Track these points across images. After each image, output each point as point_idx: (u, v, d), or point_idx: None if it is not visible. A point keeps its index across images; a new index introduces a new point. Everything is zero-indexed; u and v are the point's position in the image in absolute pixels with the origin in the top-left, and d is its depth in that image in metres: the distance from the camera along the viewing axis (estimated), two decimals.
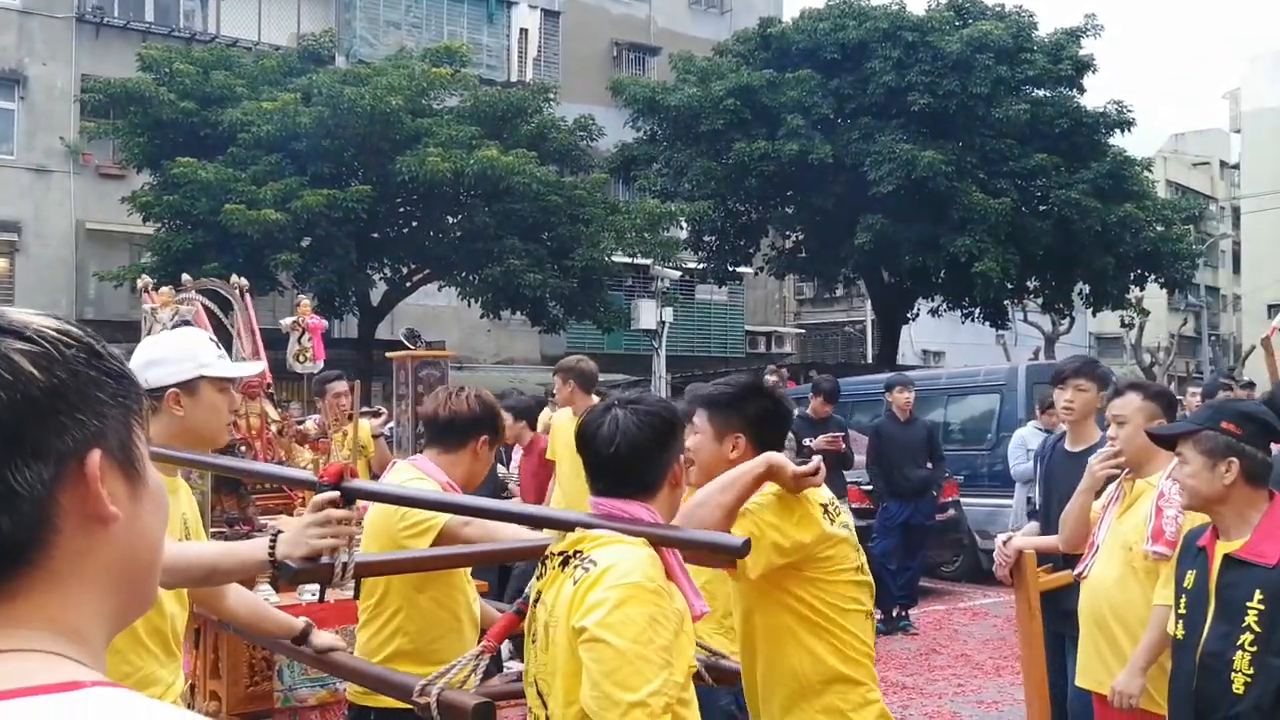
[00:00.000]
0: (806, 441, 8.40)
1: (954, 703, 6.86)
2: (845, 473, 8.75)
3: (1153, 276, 21.09)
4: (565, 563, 2.20)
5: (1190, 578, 3.05)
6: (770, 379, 9.38)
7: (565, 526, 2.31)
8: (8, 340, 0.84)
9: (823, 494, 2.63)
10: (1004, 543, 4.23)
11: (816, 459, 2.59)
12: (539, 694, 2.23)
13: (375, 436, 7.22)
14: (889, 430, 8.98)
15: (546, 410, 8.13)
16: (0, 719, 0.76)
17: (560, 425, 6.99)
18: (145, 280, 6.14)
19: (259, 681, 4.22)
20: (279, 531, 2.45)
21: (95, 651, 0.88)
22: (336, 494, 2.38)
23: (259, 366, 3.58)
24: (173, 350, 2.77)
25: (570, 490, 6.66)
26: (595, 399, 6.97)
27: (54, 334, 0.87)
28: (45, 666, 0.82)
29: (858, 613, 2.64)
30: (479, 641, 2.89)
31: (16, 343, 0.85)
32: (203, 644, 4.37)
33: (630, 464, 2.24)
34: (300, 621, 3.09)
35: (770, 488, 2.54)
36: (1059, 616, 4.25)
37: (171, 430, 2.67)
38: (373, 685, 2.99)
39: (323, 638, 3.10)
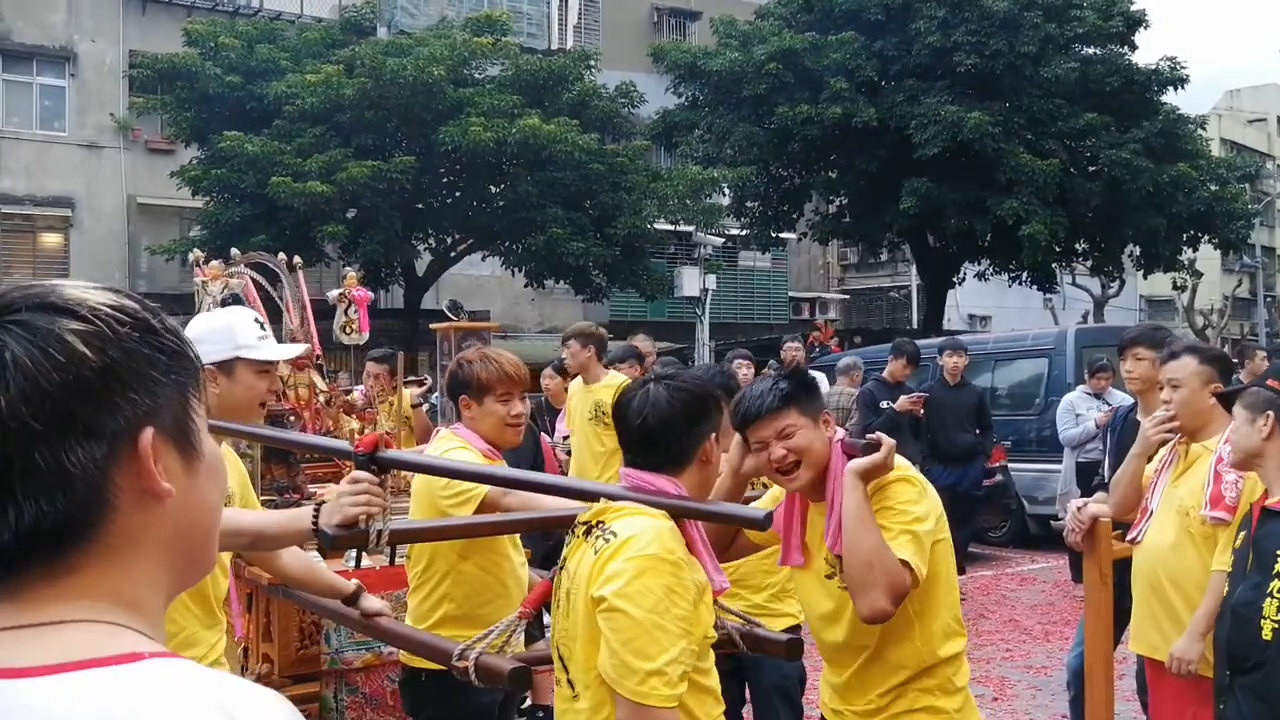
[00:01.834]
0: (885, 404, 8.34)
1: (1002, 668, 6.84)
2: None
3: (1206, 237, 20.71)
4: (588, 532, 2.25)
5: (1240, 538, 3.07)
6: (791, 344, 9.37)
7: (591, 498, 2.36)
8: (61, 320, 0.85)
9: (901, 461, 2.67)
10: (1079, 508, 4.15)
11: (887, 442, 2.57)
12: (561, 658, 2.29)
13: (415, 406, 7.24)
14: (937, 394, 8.93)
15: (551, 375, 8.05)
16: (68, 689, 0.78)
17: (573, 395, 6.93)
18: (197, 254, 6.23)
19: (308, 645, 4.32)
20: (323, 501, 2.51)
21: (154, 620, 0.90)
22: (371, 463, 2.45)
23: (299, 349, 3.64)
24: (212, 330, 2.85)
25: (581, 460, 6.65)
26: (613, 368, 6.92)
27: (108, 311, 0.87)
28: (108, 637, 0.84)
29: (951, 578, 2.69)
30: None
31: (70, 322, 0.85)
32: (255, 608, 4.47)
33: (657, 437, 2.28)
34: (351, 584, 3.18)
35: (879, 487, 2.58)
36: (1125, 592, 4.17)
37: (209, 406, 2.72)
38: (415, 650, 3.06)
39: (371, 602, 3.17)
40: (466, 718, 3.27)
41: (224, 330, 2.83)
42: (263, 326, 2.90)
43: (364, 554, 2.61)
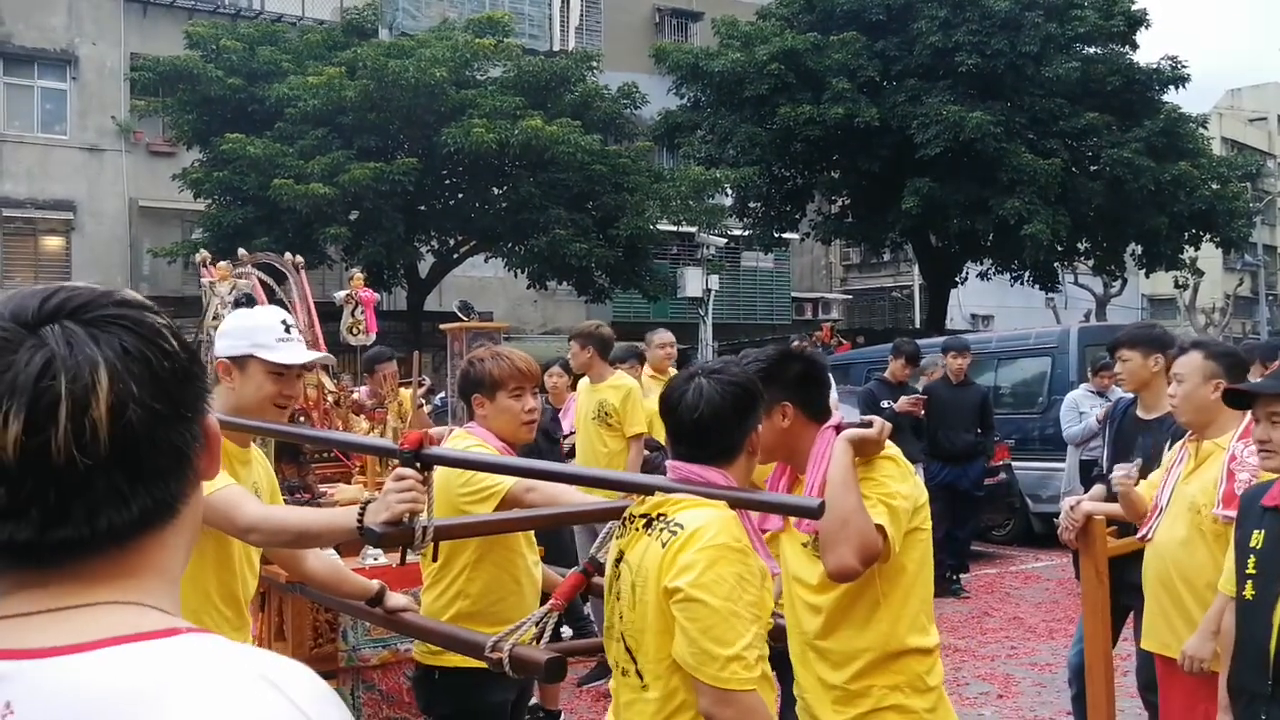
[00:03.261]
0: (885, 404, 8.39)
1: (1006, 665, 6.86)
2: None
3: (1208, 236, 20.71)
4: (648, 525, 2.29)
5: (1259, 537, 2.97)
6: (795, 345, 9.39)
7: (646, 491, 2.40)
8: (151, 316, 0.90)
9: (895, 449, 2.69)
10: (1071, 507, 4.17)
11: (880, 421, 2.61)
12: (627, 650, 2.32)
13: (417, 407, 7.24)
14: (939, 392, 8.95)
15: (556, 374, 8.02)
16: (109, 663, 0.81)
17: (579, 394, 6.90)
18: (204, 254, 6.24)
19: (323, 643, 4.34)
20: (370, 500, 2.54)
21: (177, 597, 0.94)
22: (416, 460, 2.47)
23: (314, 356, 3.67)
24: (238, 325, 2.91)
25: (585, 460, 6.64)
26: (613, 367, 6.92)
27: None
28: (141, 616, 0.87)
29: (925, 573, 2.67)
30: (541, 603, 2.97)
31: (155, 317, 0.91)
32: (268, 607, 4.48)
33: (712, 430, 2.32)
34: (375, 584, 3.21)
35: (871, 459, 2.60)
36: (1122, 588, 4.19)
37: (228, 402, 2.81)
38: (443, 643, 3.08)
39: (396, 599, 3.21)
40: (478, 715, 3.29)
41: (247, 327, 2.88)
42: (288, 330, 2.91)
43: (410, 551, 2.63)
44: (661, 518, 2.27)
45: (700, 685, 2.14)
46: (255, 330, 2.85)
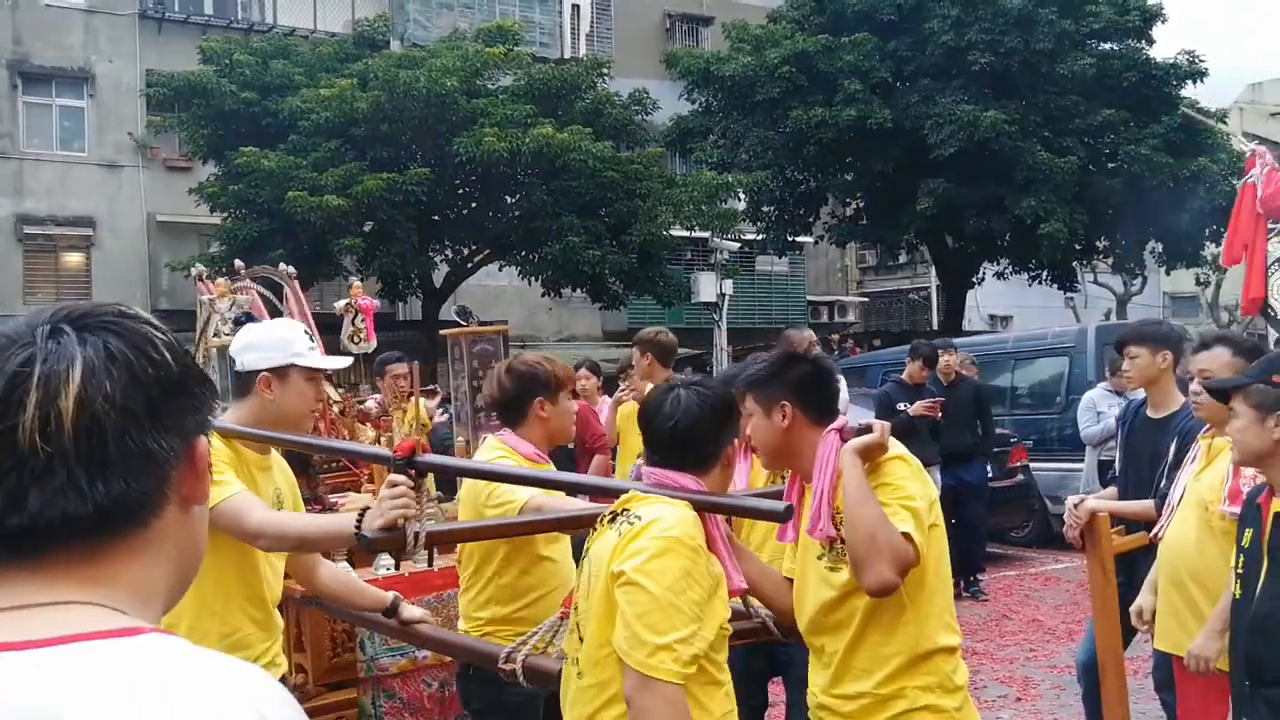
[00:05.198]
0: (901, 406, 8.33)
1: (1025, 668, 6.79)
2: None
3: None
4: (613, 519, 2.35)
5: (1248, 536, 2.95)
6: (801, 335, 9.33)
7: (619, 494, 2.47)
8: (145, 326, 0.94)
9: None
10: (1075, 505, 4.14)
11: (879, 423, 2.58)
12: (580, 639, 2.35)
13: (431, 418, 7.23)
14: (931, 393, 8.85)
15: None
16: (77, 657, 0.82)
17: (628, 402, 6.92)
18: (199, 269, 6.26)
19: (341, 653, 4.37)
20: (366, 508, 2.60)
21: (157, 619, 0.94)
22: (409, 467, 2.53)
23: (347, 360, 3.75)
24: (269, 337, 2.98)
25: (627, 467, 6.64)
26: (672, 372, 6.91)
27: (167, 330, 0.97)
28: (109, 618, 0.88)
29: (943, 568, 2.64)
30: None
31: (153, 330, 0.95)
32: (286, 619, 4.51)
33: (687, 439, 2.38)
34: (389, 595, 3.26)
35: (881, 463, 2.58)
36: (1137, 587, 4.14)
37: (262, 413, 2.90)
38: (459, 655, 3.14)
39: (410, 611, 3.26)
40: (509, 710, 3.33)
41: (280, 339, 2.96)
42: (311, 338, 3.02)
43: (402, 557, 2.70)
44: (625, 512, 2.32)
45: (626, 669, 2.16)
46: (288, 341, 2.95)
